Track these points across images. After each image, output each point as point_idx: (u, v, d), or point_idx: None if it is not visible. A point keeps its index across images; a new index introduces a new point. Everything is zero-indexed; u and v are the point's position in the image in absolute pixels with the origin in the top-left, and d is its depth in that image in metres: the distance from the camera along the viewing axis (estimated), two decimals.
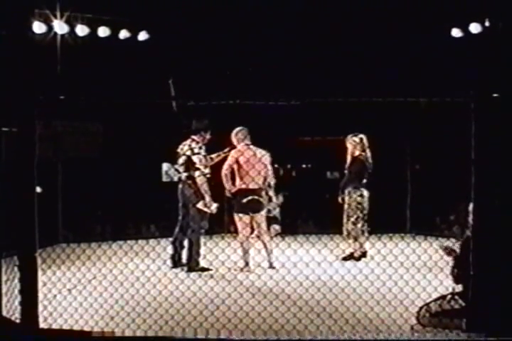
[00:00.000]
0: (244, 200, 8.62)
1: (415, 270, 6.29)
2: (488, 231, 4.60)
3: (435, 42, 10.92)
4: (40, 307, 4.92)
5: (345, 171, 9.57)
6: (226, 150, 8.98)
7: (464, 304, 5.28)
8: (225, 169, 8.67)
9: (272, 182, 8.93)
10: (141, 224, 12.07)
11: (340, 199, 9.45)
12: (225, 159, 8.94)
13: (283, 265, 6.88)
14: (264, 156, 8.77)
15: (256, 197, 8.66)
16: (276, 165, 9.28)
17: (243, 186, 8.63)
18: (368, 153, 9.41)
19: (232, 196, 8.78)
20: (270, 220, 9.94)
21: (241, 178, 8.64)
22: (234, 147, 8.81)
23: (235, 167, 8.65)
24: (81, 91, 5.09)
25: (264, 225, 8.81)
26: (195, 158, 8.56)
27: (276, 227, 10.76)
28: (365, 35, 10.79)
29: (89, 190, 11.04)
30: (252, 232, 8.82)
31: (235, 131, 8.82)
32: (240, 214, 8.70)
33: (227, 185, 8.68)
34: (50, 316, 5.66)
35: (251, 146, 8.75)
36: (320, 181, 12.63)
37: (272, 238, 8.89)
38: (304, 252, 7.10)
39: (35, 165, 4.66)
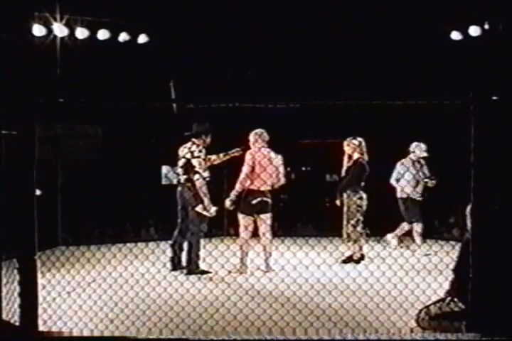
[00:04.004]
0: (254, 202, 8.65)
1: (415, 272, 6.28)
2: (487, 233, 4.60)
3: (435, 44, 10.93)
4: (40, 310, 4.91)
5: (343, 174, 9.58)
6: (234, 150, 8.97)
7: (463, 307, 5.27)
8: (242, 178, 8.61)
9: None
10: (141, 226, 12.07)
11: (338, 202, 9.46)
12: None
13: (282, 268, 6.87)
14: (276, 159, 8.77)
15: (265, 199, 8.70)
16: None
17: (254, 187, 8.62)
18: (366, 156, 9.43)
19: (240, 196, 8.72)
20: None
21: (252, 180, 8.62)
22: (245, 148, 8.78)
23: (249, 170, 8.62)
24: (81, 94, 5.08)
25: (266, 226, 8.80)
26: (194, 162, 8.56)
27: None
28: (365, 38, 10.81)
29: (88, 192, 11.03)
30: (252, 235, 8.81)
31: (251, 134, 8.79)
32: (244, 215, 8.71)
33: (238, 186, 8.63)
34: (49, 319, 5.66)
35: (262, 149, 8.73)
36: (319, 184, 12.63)
37: (272, 241, 8.89)
38: (303, 255, 7.09)
39: (34, 168, 4.66)
